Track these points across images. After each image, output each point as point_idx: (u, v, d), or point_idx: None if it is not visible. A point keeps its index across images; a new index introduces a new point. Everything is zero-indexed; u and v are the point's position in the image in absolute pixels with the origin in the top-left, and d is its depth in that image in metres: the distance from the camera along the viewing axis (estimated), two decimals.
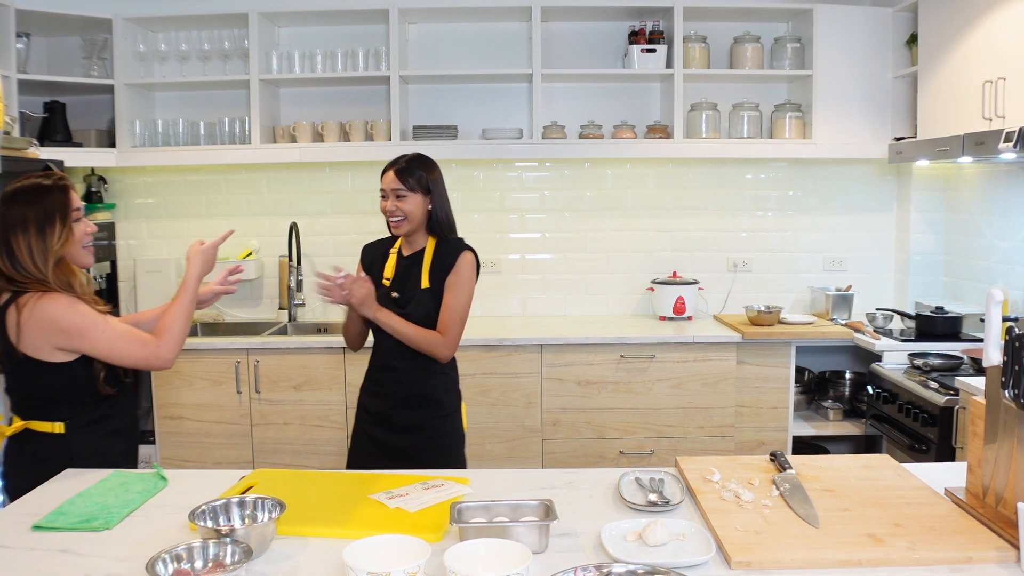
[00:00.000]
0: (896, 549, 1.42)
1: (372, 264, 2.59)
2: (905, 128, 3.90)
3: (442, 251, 2.51)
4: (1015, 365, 1.47)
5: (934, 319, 3.53)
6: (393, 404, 2.50)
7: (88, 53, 4.04)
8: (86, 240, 2.13)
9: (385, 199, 2.47)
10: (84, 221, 2.13)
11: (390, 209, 2.46)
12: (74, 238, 2.08)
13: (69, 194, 2.09)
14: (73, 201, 2.09)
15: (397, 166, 2.47)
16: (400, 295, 2.50)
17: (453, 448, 2.55)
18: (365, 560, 1.30)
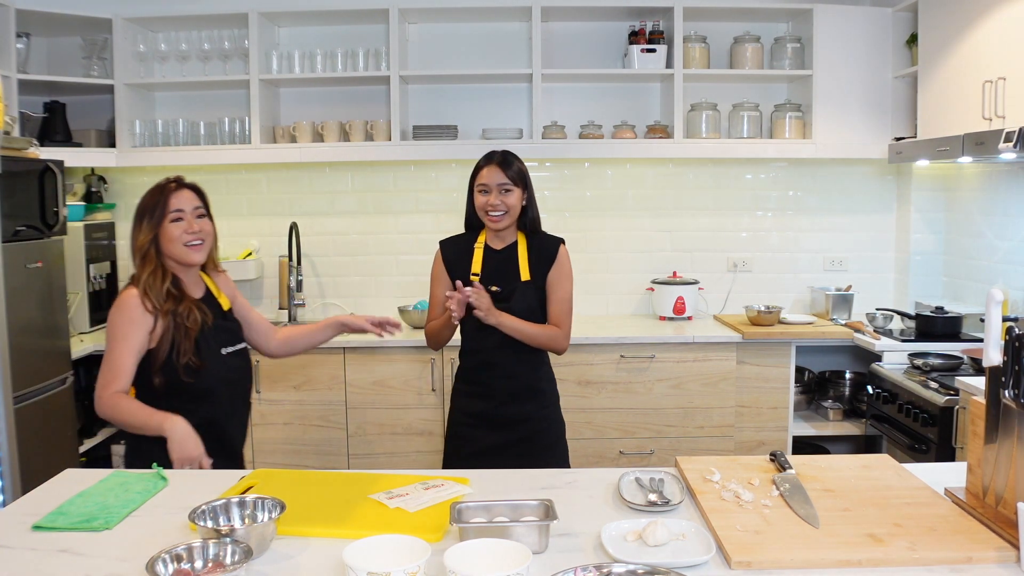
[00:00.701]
0: (896, 549, 1.42)
1: (456, 259, 2.57)
2: (905, 128, 3.90)
3: (537, 245, 2.56)
4: (1015, 365, 1.47)
5: (934, 319, 3.53)
6: (499, 401, 2.50)
7: (88, 53, 4.04)
8: (186, 239, 2.19)
9: (486, 194, 2.47)
10: (189, 221, 2.20)
11: (493, 203, 2.46)
12: (166, 236, 2.18)
13: (167, 193, 2.19)
14: (171, 201, 2.19)
15: (498, 160, 2.49)
16: (501, 288, 2.50)
17: (561, 436, 2.62)
18: (365, 560, 1.30)
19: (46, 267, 3.29)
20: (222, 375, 2.23)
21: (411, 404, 3.67)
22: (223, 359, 2.24)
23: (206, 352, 2.19)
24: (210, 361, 2.18)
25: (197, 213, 2.25)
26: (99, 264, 4.03)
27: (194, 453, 2.04)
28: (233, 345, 2.30)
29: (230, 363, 2.27)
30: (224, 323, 2.31)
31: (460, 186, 4.20)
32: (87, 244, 3.91)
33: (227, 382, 2.26)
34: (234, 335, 2.33)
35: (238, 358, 2.31)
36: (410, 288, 4.21)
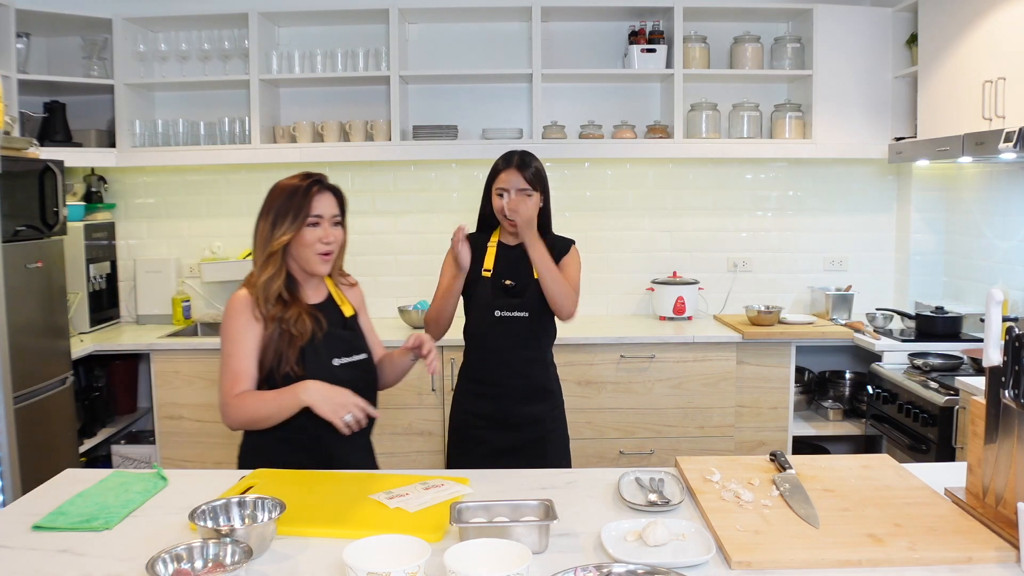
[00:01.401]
0: (896, 549, 1.42)
1: (472, 255, 2.50)
2: (905, 128, 3.90)
3: (549, 245, 2.54)
4: (1015, 365, 1.47)
5: (934, 319, 3.53)
6: (511, 402, 2.48)
7: (88, 53, 4.04)
8: (319, 248, 2.04)
9: (504, 197, 2.47)
10: (325, 229, 2.05)
11: (511, 207, 2.45)
12: (300, 240, 2.03)
13: (311, 196, 2.05)
14: (314, 204, 2.04)
15: (517, 163, 2.48)
16: (515, 284, 2.50)
17: (566, 440, 2.61)
18: (365, 560, 1.30)
19: (46, 267, 3.29)
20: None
21: (411, 404, 3.66)
22: (332, 371, 2.03)
23: (312, 363, 2.00)
24: (315, 373, 1.98)
25: (334, 220, 2.09)
26: (99, 264, 4.04)
27: (347, 399, 1.89)
28: (348, 356, 2.09)
29: (341, 375, 2.02)
30: (342, 332, 2.11)
31: (460, 186, 4.23)
32: (87, 244, 3.91)
33: None
34: (351, 345, 2.11)
35: (353, 370, 2.08)
36: (410, 288, 4.21)
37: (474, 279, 2.49)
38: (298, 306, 2.04)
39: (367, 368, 2.14)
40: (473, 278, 2.49)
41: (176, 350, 3.70)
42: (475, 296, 2.51)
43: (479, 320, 2.50)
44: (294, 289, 2.08)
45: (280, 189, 2.09)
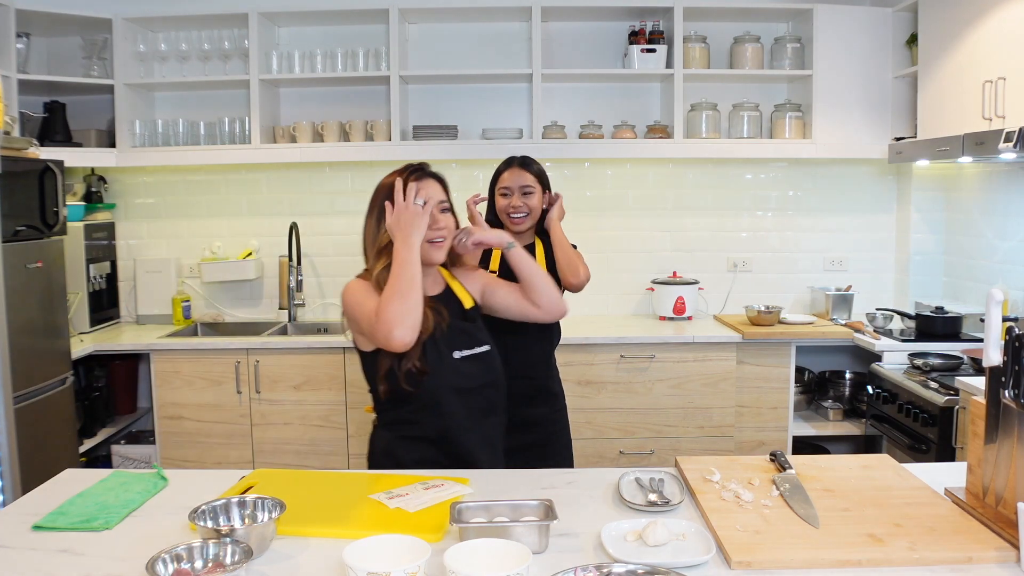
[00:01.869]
0: (896, 549, 1.42)
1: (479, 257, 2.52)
2: (905, 128, 3.90)
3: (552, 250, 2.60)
4: (1015, 365, 1.47)
5: (934, 319, 3.53)
6: (515, 403, 2.39)
7: (88, 53, 4.04)
8: (429, 235, 1.98)
9: (507, 196, 2.54)
10: (434, 216, 1.99)
11: (516, 205, 2.51)
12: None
13: (411, 185, 1.98)
14: (420, 193, 1.98)
15: (519, 163, 2.55)
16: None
17: (568, 442, 2.62)
18: (365, 560, 1.30)
19: (46, 267, 3.29)
20: (452, 382, 1.98)
21: None
22: (454, 364, 1.99)
23: (433, 357, 1.96)
24: (437, 367, 1.95)
25: (441, 207, 2.03)
26: (99, 264, 4.04)
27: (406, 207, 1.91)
28: (470, 348, 2.03)
29: (463, 369, 2.00)
30: (462, 324, 2.06)
31: (460, 186, 4.20)
32: (87, 244, 3.91)
33: (458, 390, 1.99)
34: (472, 337, 2.05)
35: (475, 363, 2.03)
36: None
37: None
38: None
39: (490, 360, 2.07)
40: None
41: (176, 350, 3.71)
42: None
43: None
44: None
45: (381, 185, 2.06)
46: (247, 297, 4.31)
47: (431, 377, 1.95)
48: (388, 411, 2.03)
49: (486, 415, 2.06)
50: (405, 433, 2.00)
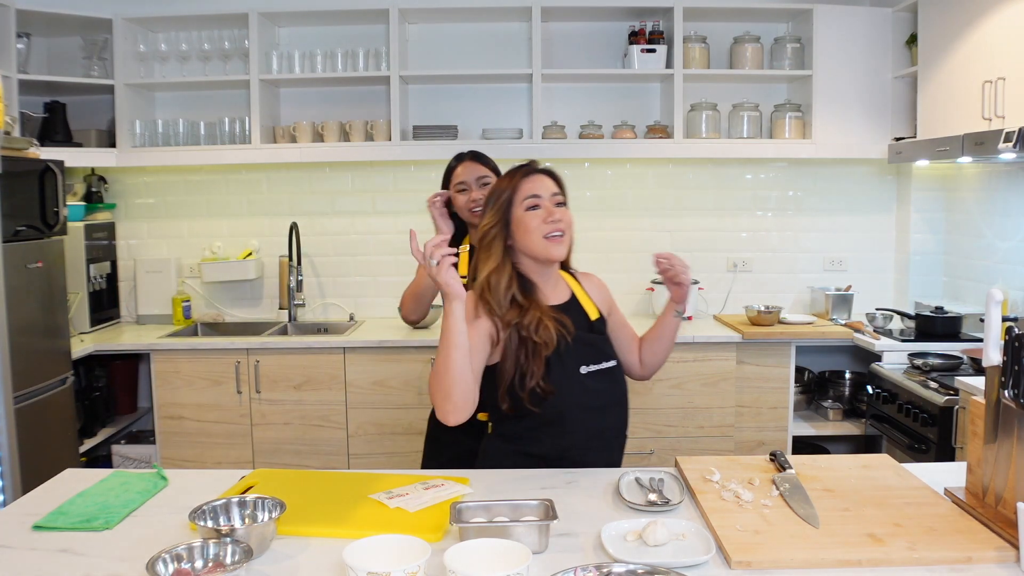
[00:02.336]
0: (896, 549, 1.42)
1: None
2: (905, 128, 3.90)
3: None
4: (1015, 365, 1.47)
5: (934, 319, 3.53)
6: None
7: (88, 53, 4.04)
8: (544, 229, 1.85)
9: (465, 191, 2.45)
10: (547, 208, 1.87)
11: (476, 198, 2.42)
12: (521, 227, 1.87)
13: (519, 178, 1.91)
14: (524, 186, 1.89)
15: (470, 156, 2.48)
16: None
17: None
18: (365, 560, 1.30)
19: (46, 267, 3.29)
20: (577, 400, 1.86)
21: (411, 404, 3.66)
22: (580, 380, 1.88)
23: (558, 373, 1.84)
24: (563, 383, 1.84)
25: (555, 200, 1.91)
26: (99, 264, 4.04)
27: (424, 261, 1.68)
28: (597, 363, 1.91)
29: (590, 385, 1.88)
30: (588, 336, 1.93)
31: None
32: (87, 244, 3.92)
33: (584, 408, 1.87)
34: (599, 351, 1.93)
35: (603, 379, 1.91)
36: None
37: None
38: (537, 309, 1.85)
39: (617, 377, 1.96)
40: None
41: (176, 350, 3.71)
42: None
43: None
44: (530, 291, 1.89)
45: (493, 185, 2.01)
46: (247, 297, 4.31)
47: (560, 395, 1.83)
48: (506, 422, 1.90)
49: (610, 435, 1.95)
50: (523, 448, 1.89)
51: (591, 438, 1.91)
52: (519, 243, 1.90)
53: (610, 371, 1.94)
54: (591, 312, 1.99)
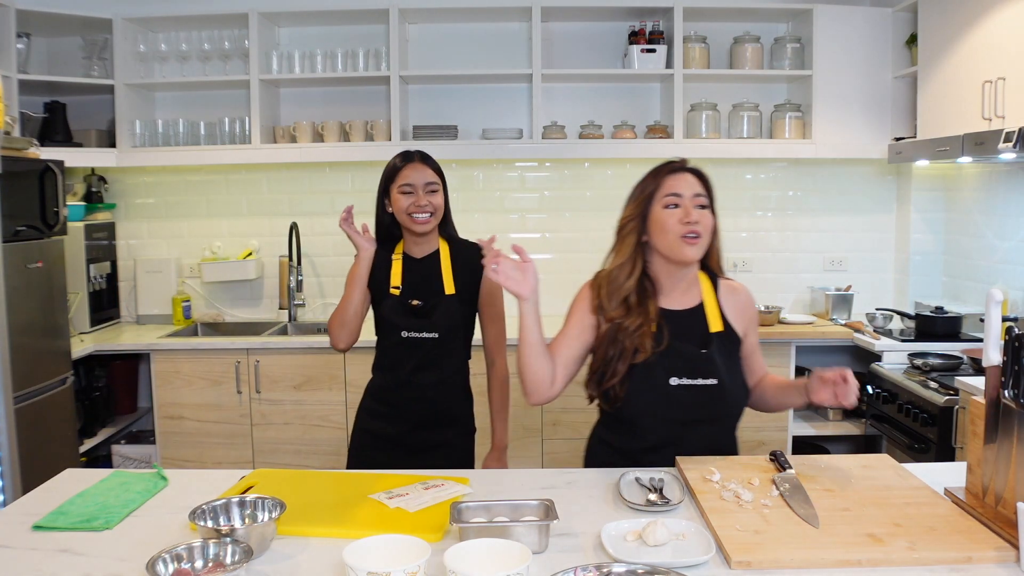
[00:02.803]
0: (896, 549, 1.42)
1: (374, 271, 2.37)
2: (905, 128, 3.90)
3: (458, 253, 2.37)
4: (1015, 365, 1.47)
5: (934, 319, 3.53)
6: (411, 425, 2.32)
7: (88, 53, 4.04)
8: (680, 230, 1.85)
9: (410, 194, 2.27)
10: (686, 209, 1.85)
11: (421, 204, 2.26)
12: (658, 226, 1.88)
13: (662, 175, 1.91)
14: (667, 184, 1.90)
15: (420, 158, 2.31)
16: (422, 303, 2.31)
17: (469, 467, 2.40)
18: (365, 560, 1.30)
19: (46, 267, 3.29)
20: (657, 410, 1.83)
21: None
22: (667, 391, 1.82)
23: (640, 380, 1.81)
24: (644, 393, 1.82)
25: (697, 202, 1.85)
26: (99, 264, 4.04)
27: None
28: (691, 378, 1.82)
29: (677, 396, 1.82)
30: (691, 349, 1.85)
31: (460, 186, 4.22)
32: (87, 244, 3.92)
33: (663, 419, 1.83)
34: (696, 367, 1.83)
35: (696, 394, 1.83)
36: None
37: (381, 296, 2.34)
38: (643, 317, 1.82)
39: (716, 395, 1.83)
40: (380, 296, 2.34)
41: (176, 350, 3.71)
42: (383, 314, 2.34)
43: (386, 340, 2.35)
44: (647, 293, 1.86)
45: (641, 179, 1.99)
46: (247, 297, 4.31)
47: (634, 402, 1.82)
48: (602, 410, 1.95)
49: (692, 452, 1.87)
50: (611, 441, 1.95)
51: (665, 447, 1.86)
52: (653, 240, 1.88)
53: (707, 388, 1.83)
54: (713, 324, 1.89)
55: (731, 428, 1.97)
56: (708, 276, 1.95)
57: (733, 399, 1.89)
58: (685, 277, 1.91)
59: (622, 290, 1.86)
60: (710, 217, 1.87)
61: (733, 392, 1.87)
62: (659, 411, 1.85)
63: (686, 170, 1.92)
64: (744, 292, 1.98)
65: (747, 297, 1.99)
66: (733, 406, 1.91)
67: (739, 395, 1.90)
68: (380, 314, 2.37)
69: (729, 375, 1.87)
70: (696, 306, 1.91)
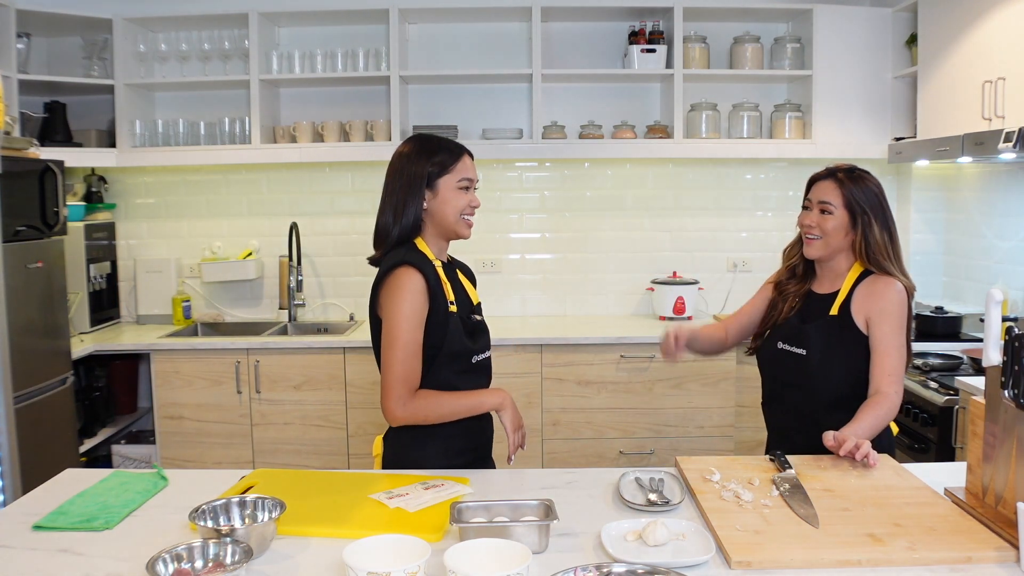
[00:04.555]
0: (896, 549, 1.42)
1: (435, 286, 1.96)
2: (905, 128, 3.90)
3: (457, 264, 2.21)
4: (1015, 365, 1.47)
5: (934, 319, 3.53)
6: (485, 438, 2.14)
7: (88, 53, 4.04)
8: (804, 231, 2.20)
9: (468, 190, 2.01)
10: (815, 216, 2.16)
11: (477, 205, 2.03)
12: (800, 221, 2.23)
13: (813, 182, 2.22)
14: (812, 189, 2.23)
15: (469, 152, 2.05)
16: (481, 318, 2.10)
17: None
18: (365, 560, 1.30)
19: (46, 267, 3.29)
20: (764, 367, 2.33)
21: None
22: (775, 352, 2.25)
23: (765, 341, 2.32)
24: (763, 348, 2.32)
25: (821, 207, 2.13)
26: (99, 264, 4.04)
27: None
28: (790, 345, 2.18)
29: (780, 360, 2.22)
30: (795, 322, 2.21)
31: None
32: (87, 244, 3.92)
33: (769, 376, 2.32)
34: (798, 337, 2.17)
35: (791, 361, 2.19)
36: None
37: (439, 318, 1.96)
38: (797, 289, 2.25)
39: (801, 363, 2.16)
40: (438, 317, 1.96)
41: (176, 350, 3.71)
42: (449, 338, 1.97)
43: (447, 369, 1.98)
44: (806, 276, 2.24)
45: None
46: (247, 297, 4.31)
47: (758, 358, 2.33)
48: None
49: (783, 409, 2.25)
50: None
51: (771, 402, 2.30)
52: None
53: (795, 356, 2.14)
54: (834, 309, 2.14)
55: (820, 402, 2.11)
56: (864, 269, 2.14)
57: (820, 373, 2.10)
58: (833, 269, 2.19)
59: (789, 259, 2.26)
60: (828, 222, 2.11)
61: (822, 367, 2.10)
62: (766, 368, 2.29)
63: (826, 177, 2.17)
64: (883, 285, 2.10)
65: (883, 290, 2.09)
66: (818, 379, 2.11)
67: (830, 372, 2.10)
68: (438, 340, 1.96)
69: (824, 351, 2.10)
70: (832, 292, 2.16)
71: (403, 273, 1.92)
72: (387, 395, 1.90)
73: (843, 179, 2.13)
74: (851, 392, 2.08)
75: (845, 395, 2.09)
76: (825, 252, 2.15)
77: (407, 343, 1.90)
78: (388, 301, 1.93)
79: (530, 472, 1.95)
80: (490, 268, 4.24)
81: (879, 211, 2.11)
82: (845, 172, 2.14)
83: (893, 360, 2.06)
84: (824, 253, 2.15)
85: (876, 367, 2.06)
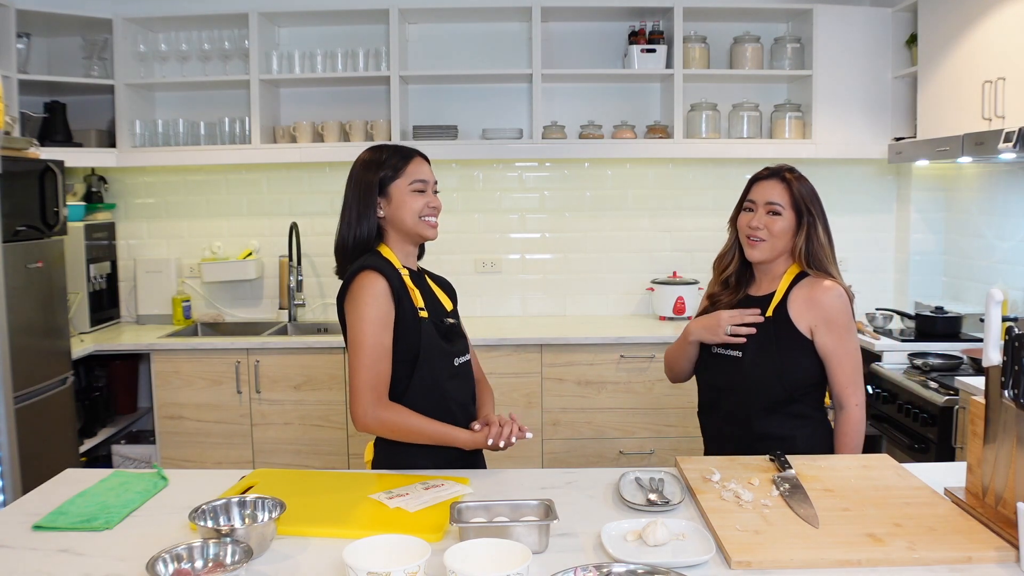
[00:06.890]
0: (896, 549, 1.42)
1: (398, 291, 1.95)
2: (905, 128, 3.90)
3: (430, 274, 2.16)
4: (1015, 365, 1.47)
5: (934, 319, 3.53)
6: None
7: (88, 53, 4.04)
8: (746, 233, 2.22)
9: (423, 192, 1.99)
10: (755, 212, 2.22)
11: (435, 205, 2.02)
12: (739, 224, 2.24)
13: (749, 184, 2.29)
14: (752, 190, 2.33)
15: (419, 154, 2.04)
16: (455, 321, 2.07)
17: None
18: (365, 560, 1.30)
19: (46, 267, 3.29)
20: (700, 373, 2.24)
21: None
22: (709, 357, 2.19)
23: (703, 349, 2.23)
24: (700, 359, 2.24)
25: (768, 208, 2.18)
26: (99, 264, 4.04)
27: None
28: (725, 349, 2.13)
29: (715, 364, 2.17)
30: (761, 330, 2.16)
31: (460, 186, 4.23)
32: (87, 244, 3.92)
33: (705, 383, 2.22)
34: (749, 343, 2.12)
35: (724, 363, 2.14)
36: None
37: (409, 324, 1.94)
38: (731, 297, 2.22)
39: (735, 366, 2.12)
40: (407, 323, 1.94)
41: (176, 350, 3.71)
42: (424, 344, 1.95)
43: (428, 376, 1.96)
44: (743, 281, 2.23)
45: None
46: (247, 297, 4.31)
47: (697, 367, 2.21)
48: None
49: (720, 414, 2.15)
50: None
51: (708, 410, 2.18)
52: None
53: (730, 359, 2.09)
54: (769, 311, 2.11)
55: (754, 406, 2.06)
56: (800, 272, 2.11)
57: (754, 373, 2.05)
58: (770, 270, 2.15)
59: (723, 271, 2.25)
60: (777, 224, 2.10)
61: (756, 368, 2.04)
62: (701, 375, 2.19)
63: (769, 178, 2.21)
64: (821, 291, 2.06)
65: (822, 298, 2.06)
66: (752, 380, 2.05)
67: (764, 373, 2.04)
68: (412, 345, 1.94)
69: (758, 352, 2.05)
70: (768, 295, 2.12)
71: (364, 277, 1.90)
72: (353, 400, 1.90)
73: (790, 179, 2.13)
74: (786, 396, 2.05)
75: (779, 399, 2.05)
76: (771, 255, 2.10)
77: (372, 347, 1.88)
78: (351, 307, 1.92)
79: (530, 472, 1.95)
80: (490, 268, 4.24)
81: (821, 212, 2.12)
82: (789, 171, 2.14)
83: (847, 368, 2.05)
84: (770, 256, 2.10)
85: (834, 378, 2.06)
